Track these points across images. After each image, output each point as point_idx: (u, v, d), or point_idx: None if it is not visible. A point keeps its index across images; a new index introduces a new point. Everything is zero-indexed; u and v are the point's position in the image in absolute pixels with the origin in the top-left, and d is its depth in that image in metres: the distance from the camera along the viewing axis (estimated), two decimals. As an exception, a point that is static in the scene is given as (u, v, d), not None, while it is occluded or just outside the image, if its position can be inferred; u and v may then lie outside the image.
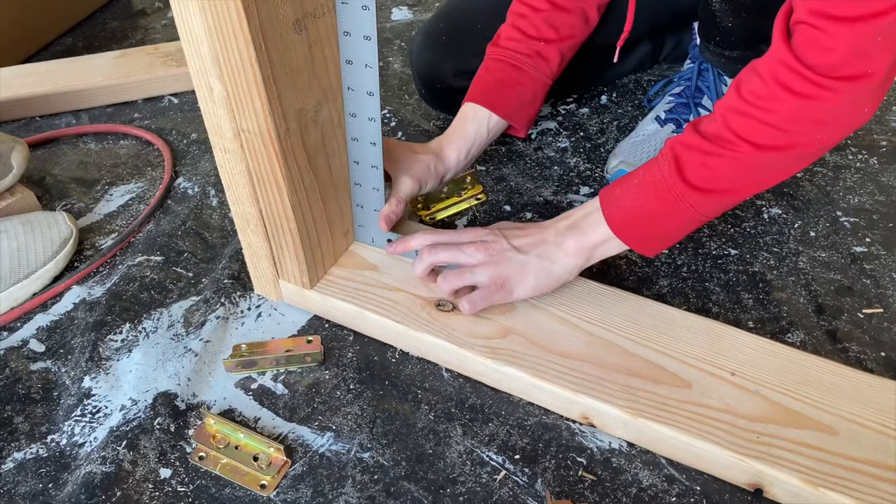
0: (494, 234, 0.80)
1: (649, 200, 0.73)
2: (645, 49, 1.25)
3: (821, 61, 0.62)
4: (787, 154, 0.68)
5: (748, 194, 0.73)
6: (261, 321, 0.88)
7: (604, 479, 0.72)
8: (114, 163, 1.16)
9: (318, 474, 0.73)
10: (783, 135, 0.66)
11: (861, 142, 1.12)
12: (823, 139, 0.67)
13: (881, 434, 0.70)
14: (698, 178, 0.70)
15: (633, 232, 0.75)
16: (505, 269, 0.78)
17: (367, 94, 0.75)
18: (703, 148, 0.69)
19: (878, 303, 0.88)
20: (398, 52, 1.41)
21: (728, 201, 0.73)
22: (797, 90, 0.64)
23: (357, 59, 0.73)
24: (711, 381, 0.75)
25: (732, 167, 0.69)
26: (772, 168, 0.70)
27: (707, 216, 0.73)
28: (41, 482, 0.73)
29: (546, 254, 0.78)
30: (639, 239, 0.76)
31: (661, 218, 0.73)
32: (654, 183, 0.72)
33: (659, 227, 0.75)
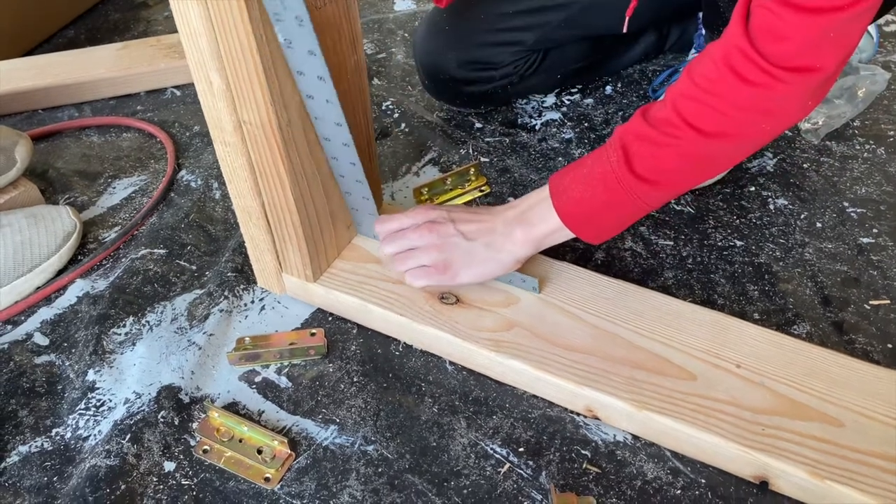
0: (442, 217, 0.80)
1: (598, 192, 0.72)
2: (650, 39, 1.24)
3: (775, 50, 0.61)
4: (731, 142, 0.67)
5: (694, 184, 0.74)
6: (264, 314, 0.88)
7: (608, 471, 0.72)
8: (116, 155, 1.15)
9: (322, 467, 0.73)
10: (728, 121, 0.65)
11: (868, 131, 1.11)
12: (767, 129, 0.66)
13: (888, 426, 0.69)
14: (646, 170, 0.69)
15: (583, 223, 0.75)
16: (449, 254, 0.79)
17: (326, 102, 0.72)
18: (650, 138, 0.68)
19: (885, 294, 0.87)
20: (401, 43, 1.40)
21: (675, 191, 0.72)
22: (748, 77, 0.63)
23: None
24: (717, 374, 0.74)
25: (679, 157, 0.68)
26: (716, 157, 0.69)
27: (655, 206, 0.72)
28: (46, 475, 0.73)
29: (493, 243, 0.78)
30: (588, 229, 0.75)
31: (611, 209, 0.73)
32: (604, 175, 0.71)
33: (608, 218, 0.74)
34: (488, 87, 1.14)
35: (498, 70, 1.12)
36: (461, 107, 1.20)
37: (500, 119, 1.18)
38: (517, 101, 1.21)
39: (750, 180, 1.04)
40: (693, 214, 0.99)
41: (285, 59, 0.67)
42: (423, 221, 0.81)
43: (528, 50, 1.12)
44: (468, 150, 1.12)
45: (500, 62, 1.11)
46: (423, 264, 0.80)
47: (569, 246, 0.95)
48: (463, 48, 1.10)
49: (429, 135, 1.16)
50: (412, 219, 0.81)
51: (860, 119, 1.13)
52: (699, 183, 0.73)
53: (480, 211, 0.81)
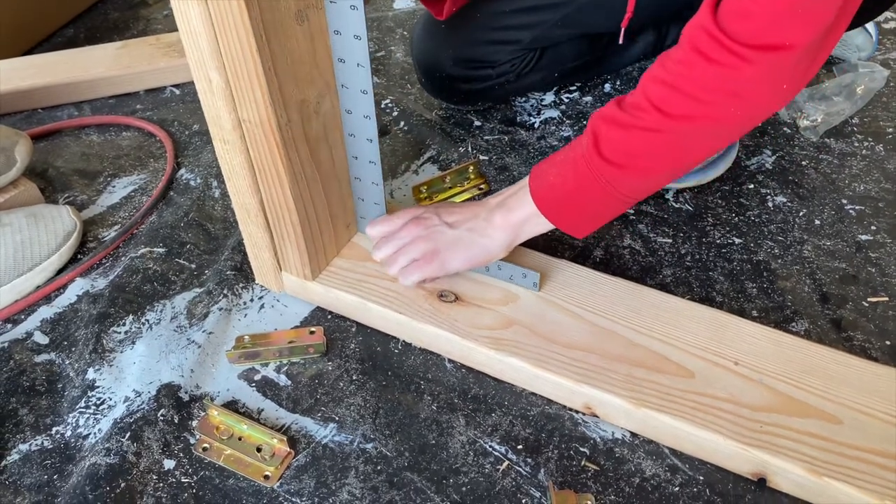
0: (428, 211, 0.82)
1: (569, 177, 0.71)
2: (649, 38, 1.24)
3: (739, 27, 0.59)
4: (700, 127, 0.65)
5: (665, 172, 0.70)
6: (264, 312, 0.88)
7: (607, 469, 0.72)
8: (116, 154, 1.15)
9: (322, 465, 0.73)
10: (695, 104, 0.64)
11: (867, 128, 1.11)
12: (739, 115, 0.64)
13: (886, 423, 0.70)
14: (613, 153, 0.68)
15: (556, 209, 0.74)
16: (436, 244, 0.79)
17: (361, 93, 0.74)
18: (618, 120, 0.68)
19: (884, 291, 0.87)
20: (401, 41, 1.40)
21: (646, 180, 0.70)
22: (712, 56, 0.61)
23: (349, 58, 0.72)
24: (715, 371, 0.75)
25: (645, 140, 0.67)
26: (685, 143, 0.67)
27: (628, 196, 0.71)
28: (46, 474, 0.73)
29: (476, 229, 0.79)
30: (562, 216, 0.74)
31: (581, 195, 0.71)
32: (574, 159, 0.71)
33: (580, 205, 0.73)
34: (485, 84, 1.14)
35: (495, 68, 1.12)
36: (458, 104, 1.20)
37: (498, 117, 1.18)
38: (516, 99, 1.21)
39: (749, 178, 1.04)
40: (692, 212, 0.99)
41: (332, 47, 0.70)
42: (409, 219, 0.82)
43: (525, 48, 1.12)
44: (467, 148, 1.12)
45: (496, 60, 1.11)
46: (412, 258, 0.81)
47: (567, 244, 0.95)
48: (459, 46, 1.10)
49: (428, 133, 1.16)
50: (401, 219, 0.83)
51: (859, 116, 1.13)
52: (671, 171, 0.70)
53: (467, 203, 0.83)
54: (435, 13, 0.99)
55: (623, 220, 0.98)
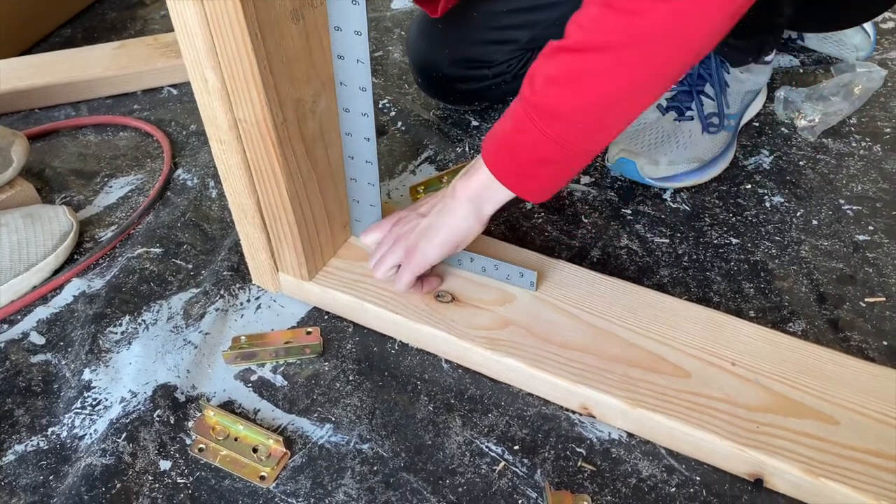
0: (406, 210, 0.83)
1: (507, 123, 0.69)
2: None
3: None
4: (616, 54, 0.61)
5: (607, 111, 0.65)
6: (260, 313, 0.88)
7: (603, 469, 0.72)
8: (113, 154, 1.15)
9: (318, 465, 0.73)
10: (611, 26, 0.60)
11: (865, 129, 1.11)
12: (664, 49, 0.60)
13: (882, 423, 0.70)
14: (541, 86, 0.65)
15: (501, 163, 0.71)
16: (412, 239, 0.79)
17: (360, 90, 0.74)
18: (545, 53, 0.64)
19: (881, 292, 0.87)
20: (398, 41, 1.40)
21: (576, 120, 0.65)
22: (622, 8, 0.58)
23: (349, 55, 0.72)
24: (711, 371, 0.75)
25: (569, 64, 0.63)
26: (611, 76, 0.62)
27: (565, 144, 0.66)
28: (42, 474, 0.73)
29: (444, 209, 0.77)
30: (509, 172, 0.71)
31: (519, 141, 0.68)
32: (512, 109, 0.68)
33: (521, 156, 0.69)
34: (481, 84, 1.14)
35: (491, 68, 1.12)
36: (455, 104, 1.20)
37: (496, 117, 1.18)
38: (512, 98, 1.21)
39: (746, 178, 1.04)
40: (689, 212, 0.99)
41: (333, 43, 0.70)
42: (391, 224, 0.83)
43: (522, 48, 1.12)
44: (464, 149, 1.12)
45: (493, 60, 1.11)
46: (397, 261, 0.81)
47: (564, 244, 0.95)
48: (456, 46, 1.10)
49: (425, 133, 1.16)
50: (388, 223, 0.84)
51: (856, 116, 1.13)
52: (609, 124, 0.66)
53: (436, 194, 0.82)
54: (430, 12, 0.99)
55: (620, 220, 0.98)
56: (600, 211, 1.00)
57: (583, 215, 0.99)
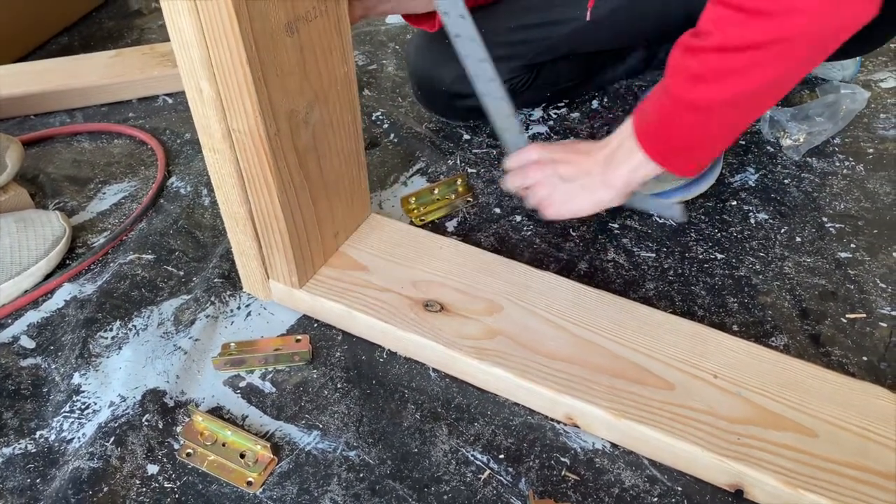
0: (545, 159, 0.85)
1: (661, 109, 0.73)
2: (637, 56, 1.26)
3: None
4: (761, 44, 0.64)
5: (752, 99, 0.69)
6: (250, 320, 0.89)
7: (587, 479, 0.73)
8: (107, 161, 1.16)
9: (304, 472, 0.73)
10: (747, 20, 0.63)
11: (848, 149, 1.13)
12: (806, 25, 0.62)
13: (860, 437, 0.71)
14: (687, 79, 0.69)
15: (654, 140, 0.75)
16: (551, 194, 0.84)
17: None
18: (689, 45, 0.68)
19: (862, 308, 0.89)
20: (392, 55, 1.41)
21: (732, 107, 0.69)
22: None
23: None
24: (695, 384, 0.76)
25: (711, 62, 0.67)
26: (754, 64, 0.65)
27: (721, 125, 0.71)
28: (29, 477, 0.73)
29: (588, 185, 0.82)
30: (665, 153, 0.75)
31: (673, 126, 0.72)
32: (662, 91, 0.72)
33: (675, 139, 0.73)
34: (481, 101, 1.15)
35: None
36: (452, 119, 1.21)
37: (487, 131, 1.20)
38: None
39: (732, 194, 1.05)
40: (675, 227, 1.00)
41: None
42: (532, 160, 0.86)
43: (526, 65, 1.13)
44: (456, 161, 1.14)
45: (497, 77, 1.12)
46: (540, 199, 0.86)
47: (553, 257, 0.96)
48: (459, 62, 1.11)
49: (417, 145, 1.17)
50: (529, 155, 0.87)
51: (840, 136, 1.15)
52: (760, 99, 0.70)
53: (578, 150, 0.84)
54: (427, 28, 1.00)
55: (608, 234, 1.00)
56: (588, 225, 1.01)
57: (571, 229, 1.01)
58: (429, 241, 0.92)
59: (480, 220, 1.03)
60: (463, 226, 1.02)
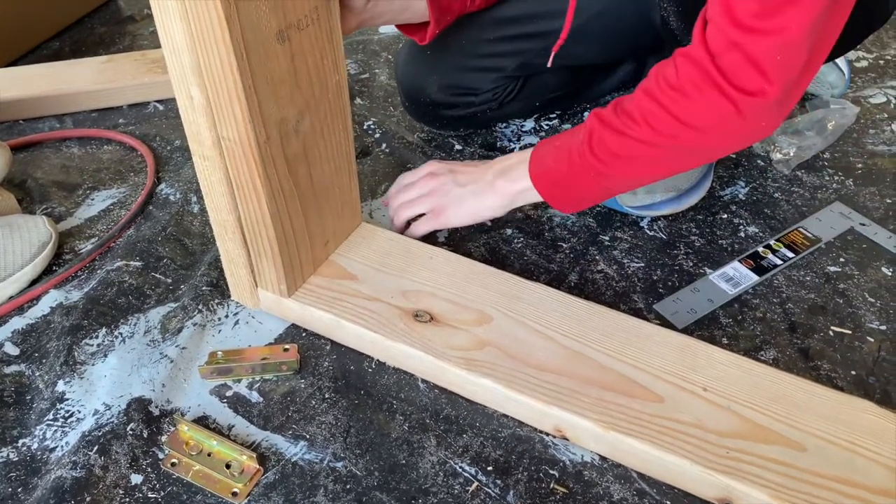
0: (441, 169, 0.93)
1: (563, 164, 0.81)
2: (627, 69, 1.27)
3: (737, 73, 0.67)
4: (682, 147, 0.74)
5: (646, 177, 0.82)
6: (238, 329, 0.88)
7: (575, 492, 0.72)
8: (96, 167, 1.15)
9: (291, 483, 0.73)
10: (682, 128, 0.72)
11: (837, 163, 1.13)
12: (720, 144, 0.74)
13: (848, 451, 0.71)
14: (602, 152, 0.77)
15: (549, 188, 0.84)
16: (444, 200, 0.91)
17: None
18: (612, 124, 0.76)
19: (850, 322, 0.89)
20: (385, 65, 1.42)
21: (627, 179, 0.81)
22: (705, 92, 0.69)
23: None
24: (684, 397, 0.76)
25: (631, 147, 0.75)
26: (667, 157, 0.77)
27: (611, 188, 0.82)
28: (10, 486, 0.72)
29: (479, 191, 0.90)
30: (553, 195, 0.85)
31: (573, 181, 0.82)
32: (570, 150, 0.80)
33: (570, 189, 0.84)
34: (468, 111, 1.16)
35: (478, 96, 1.14)
36: (441, 129, 1.21)
37: (479, 141, 1.20)
38: (497, 125, 1.23)
39: (722, 207, 1.06)
40: (665, 240, 1.00)
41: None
42: (426, 172, 0.94)
43: (509, 77, 1.14)
44: (447, 172, 1.13)
45: (480, 88, 1.13)
46: (420, 213, 0.92)
47: (543, 268, 0.96)
48: (444, 73, 1.11)
49: (409, 155, 1.17)
50: (416, 173, 0.95)
51: (830, 151, 1.16)
52: (653, 179, 0.82)
53: (476, 163, 0.94)
54: (418, 39, 1.01)
55: (598, 246, 1.00)
56: (579, 236, 1.01)
57: (561, 240, 1.01)
58: (419, 250, 0.92)
59: (471, 231, 1.02)
60: (453, 236, 1.02)
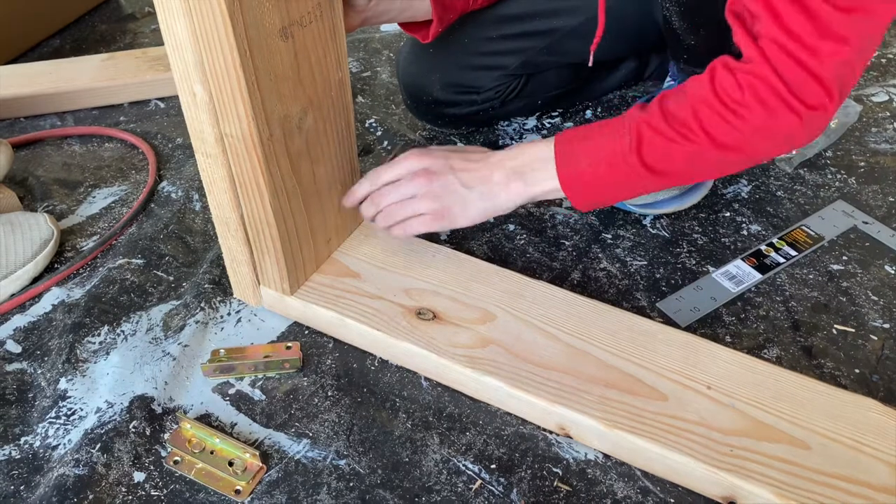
0: (439, 165, 0.81)
1: (603, 168, 0.75)
2: (630, 66, 1.27)
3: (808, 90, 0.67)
4: (737, 156, 0.73)
5: (691, 180, 0.81)
6: (240, 326, 0.88)
7: (579, 490, 0.72)
8: (98, 165, 1.15)
9: (294, 481, 0.72)
10: (744, 140, 0.71)
11: (840, 162, 1.13)
12: (772, 151, 0.74)
13: (853, 449, 0.71)
14: (655, 161, 0.74)
15: (582, 191, 0.78)
16: (448, 201, 0.81)
17: None
18: (666, 133, 0.73)
19: (853, 320, 0.89)
20: (386, 63, 1.41)
21: (676, 182, 0.78)
22: (774, 110, 0.68)
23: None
24: (687, 395, 0.75)
25: (688, 156, 0.73)
26: (720, 163, 0.75)
27: (648, 192, 0.79)
28: (13, 484, 0.72)
29: (490, 193, 0.81)
30: (583, 198, 0.79)
31: (609, 184, 0.77)
32: (613, 155, 0.75)
33: (605, 192, 0.79)
34: (470, 109, 1.15)
35: (480, 94, 1.14)
36: (443, 127, 1.21)
37: (481, 140, 1.19)
38: (499, 123, 1.23)
39: (725, 206, 1.06)
40: (668, 238, 1.00)
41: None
42: (419, 168, 0.81)
43: (510, 75, 1.13)
44: (449, 170, 1.13)
45: (482, 86, 1.13)
46: (419, 213, 0.81)
47: (546, 266, 0.96)
48: (446, 70, 1.11)
49: (411, 153, 1.17)
50: (406, 167, 0.82)
51: (832, 149, 1.16)
52: (697, 181, 0.83)
53: (476, 157, 0.83)
54: (420, 38, 1.01)
55: (601, 243, 0.99)
56: (581, 234, 1.01)
57: (564, 238, 1.01)
58: (422, 248, 0.92)
59: (473, 228, 1.02)
60: (456, 234, 1.02)
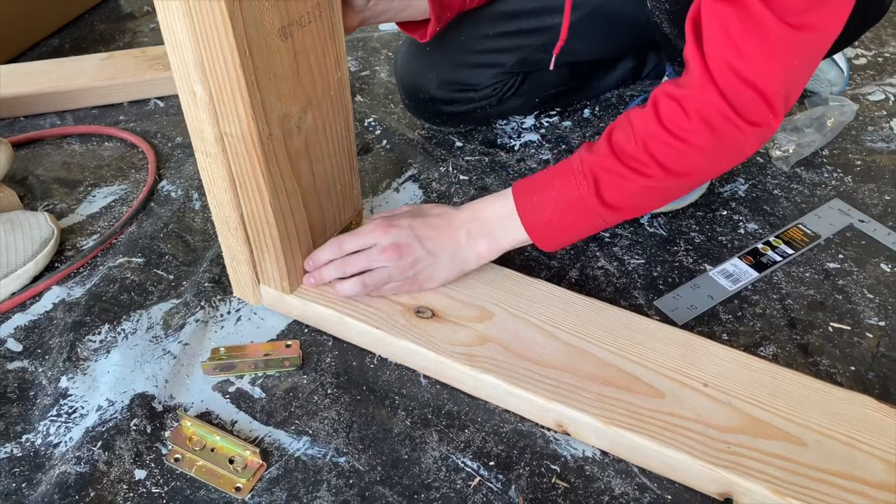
0: (405, 235, 0.82)
1: (568, 216, 0.78)
2: (628, 65, 1.27)
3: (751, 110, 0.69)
4: (693, 178, 0.76)
5: (656, 207, 0.83)
6: (240, 325, 0.88)
7: (577, 486, 0.73)
8: (97, 164, 1.16)
9: (294, 478, 0.73)
10: (693, 164, 0.74)
11: (836, 160, 1.14)
12: (723, 167, 0.77)
13: (848, 446, 0.71)
14: (614, 199, 0.76)
15: (549, 238, 0.81)
16: (416, 270, 0.83)
17: None
18: (619, 172, 0.75)
19: (849, 318, 0.89)
20: (385, 62, 1.42)
21: (639, 213, 0.82)
22: (721, 130, 0.71)
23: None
24: (684, 392, 0.76)
25: (645, 189, 0.75)
26: (676, 189, 0.78)
27: (616, 223, 0.81)
28: (15, 482, 0.73)
29: (458, 256, 0.84)
30: (551, 242, 0.82)
31: (576, 228, 0.80)
32: (573, 201, 0.77)
33: (572, 234, 0.82)
34: (467, 107, 1.16)
35: (477, 91, 1.14)
36: (441, 126, 1.22)
37: (479, 138, 1.20)
38: (497, 122, 1.23)
39: (722, 204, 1.06)
40: (665, 237, 1.01)
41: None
42: (388, 243, 0.81)
43: (507, 72, 1.14)
44: (448, 168, 1.14)
45: (479, 84, 1.13)
46: (389, 281, 0.83)
47: (544, 264, 0.97)
48: (443, 68, 1.12)
49: (410, 152, 1.17)
50: (373, 239, 0.82)
51: (829, 148, 1.16)
52: (657, 208, 0.87)
53: (438, 220, 0.84)
54: (418, 37, 1.01)
55: (599, 242, 1.00)
56: (579, 233, 1.01)
57: (562, 237, 1.01)
58: (420, 247, 0.92)
59: (472, 227, 1.03)
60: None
